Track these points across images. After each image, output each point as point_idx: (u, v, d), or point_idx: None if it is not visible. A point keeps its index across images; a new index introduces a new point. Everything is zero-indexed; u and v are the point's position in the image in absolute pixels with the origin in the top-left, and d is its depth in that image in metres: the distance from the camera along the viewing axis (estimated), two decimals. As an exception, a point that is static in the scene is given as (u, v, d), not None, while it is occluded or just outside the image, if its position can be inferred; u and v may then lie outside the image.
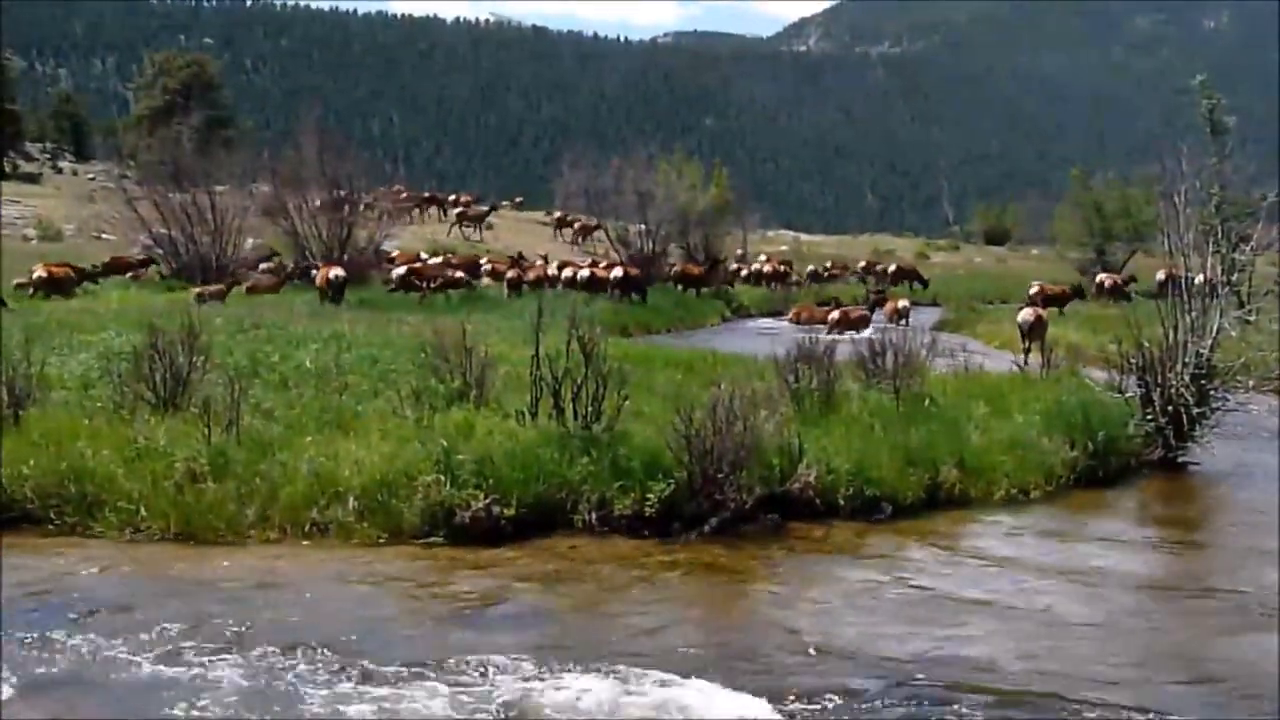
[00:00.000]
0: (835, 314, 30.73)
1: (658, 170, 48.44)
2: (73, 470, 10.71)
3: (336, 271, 30.13)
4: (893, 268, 51.01)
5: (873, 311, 32.99)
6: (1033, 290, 29.70)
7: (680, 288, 39.97)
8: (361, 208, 38.52)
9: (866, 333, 22.66)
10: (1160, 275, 15.79)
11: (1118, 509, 13.24)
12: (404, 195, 57.62)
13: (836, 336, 19.02)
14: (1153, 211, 30.80)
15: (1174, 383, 14.81)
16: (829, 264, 54.49)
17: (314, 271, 32.35)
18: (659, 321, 33.19)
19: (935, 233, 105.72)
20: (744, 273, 47.81)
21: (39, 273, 30.80)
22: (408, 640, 8.12)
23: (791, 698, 7.25)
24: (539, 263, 40.52)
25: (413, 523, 10.47)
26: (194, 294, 28.94)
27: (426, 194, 65.19)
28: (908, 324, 28.84)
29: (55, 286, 30.24)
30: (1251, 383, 15.29)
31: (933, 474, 12.43)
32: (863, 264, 52.87)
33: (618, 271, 35.94)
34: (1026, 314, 24.15)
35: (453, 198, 65.98)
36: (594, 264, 38.90)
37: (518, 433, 11.62)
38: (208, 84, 75.84)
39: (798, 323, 30.34)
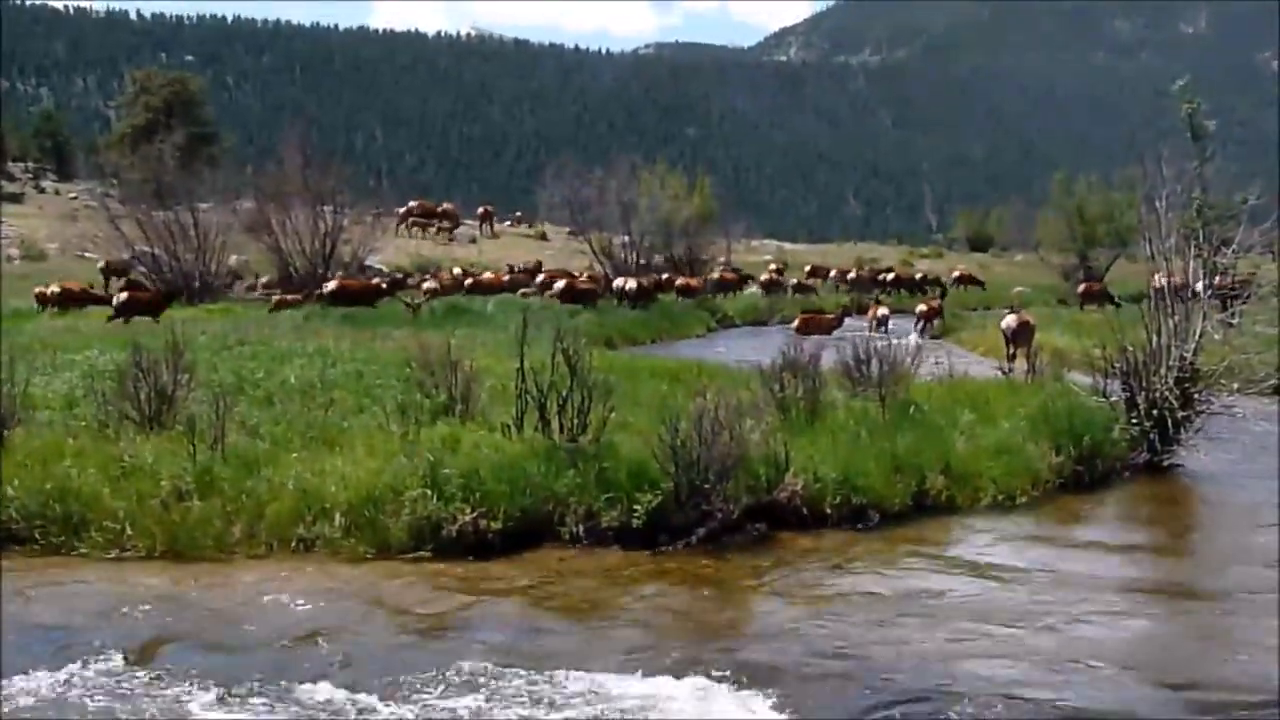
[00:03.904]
0: (923, 307, 32.88)
1: (641, 181, 48.53)
2: (58, 490, 10.66)
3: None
4: (890, 276, 50.83)
5: (842, 320, 33.00)
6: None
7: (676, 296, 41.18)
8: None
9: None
10: (1157, 279, 15.80)
11: (1104, 513, 13.28)
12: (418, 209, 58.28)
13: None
14: (1135, 216, 30.97)
15: (1158, 386, 14.86)
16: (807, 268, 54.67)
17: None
18: (644, 333, 33.16)
19: (919, 239, 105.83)
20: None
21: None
22: (396, 654, 8.10)
23: (781, 707, 7.25)
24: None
25: (400, 538, 10.45)
26: (274, 300, 32.57)
27: (440, 208, 65.77)
28: (887, 331, 29.04)
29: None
30: (1235, 385, 15.34)
31: (919, 481, 12.45)
32: (852, 273, 52.66)
33: (631, 284, 38.28)
34: (1010, 320, 24.13)
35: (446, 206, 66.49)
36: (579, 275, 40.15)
37: (504, 446, 11.62)
38: (190, 101, 75.57)
39: (804, 332, 29.55)
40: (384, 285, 35.64)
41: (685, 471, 11.01)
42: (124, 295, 29.73)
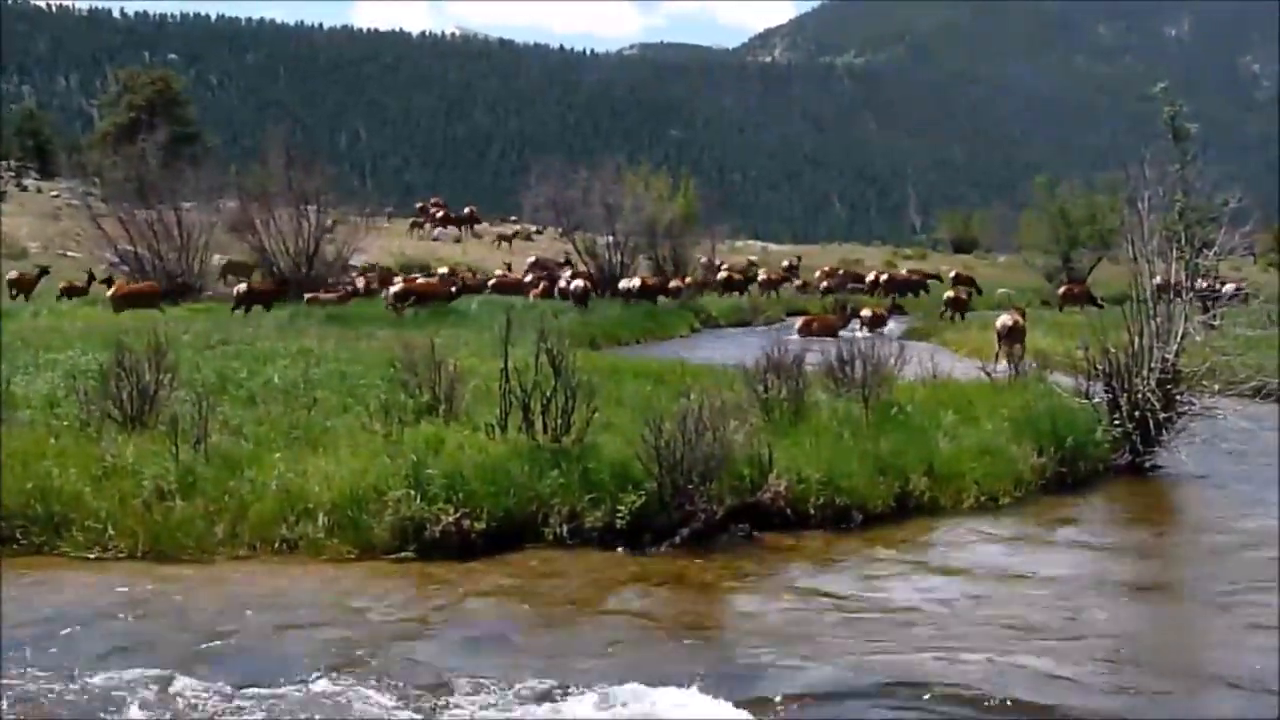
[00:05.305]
0: (950, 294, 39.40)
1: (625, 182, 48.56)
2: (39, 490, 10.59)
3: None
4: (884, 278, 50.83)
5: (848, 323, 33.10)
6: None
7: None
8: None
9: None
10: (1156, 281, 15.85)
11: (1086, 514, 13.29)
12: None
13: None
14: (1117, 218, 31.11)
15: (1140, 388, 14.90)
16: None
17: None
18: (628, 333, 33.14)
19: (902, 241, 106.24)
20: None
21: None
22: (377, 657, 8.08)
23: (764, 708, 7.25)
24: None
25: (383, 538, 10.42)
26: (307, 299, 33.30)
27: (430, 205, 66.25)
28: (872, 331, 29.28)
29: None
30: (1217, 387, 15.40)
31: (902, 482, 12.45)
32: (870, 277, 52.62)
33: (635, 282, 40.41)
34: (1005, 319, 24.12)
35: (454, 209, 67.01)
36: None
37: (487, 446, 11.59)
38: (173, 100, 75.43)
39: (807, 334, 29.38)
40: (454, 288, 36.80)
41: (669, 472, 11.00)
42: (243, 286, 34.14)
